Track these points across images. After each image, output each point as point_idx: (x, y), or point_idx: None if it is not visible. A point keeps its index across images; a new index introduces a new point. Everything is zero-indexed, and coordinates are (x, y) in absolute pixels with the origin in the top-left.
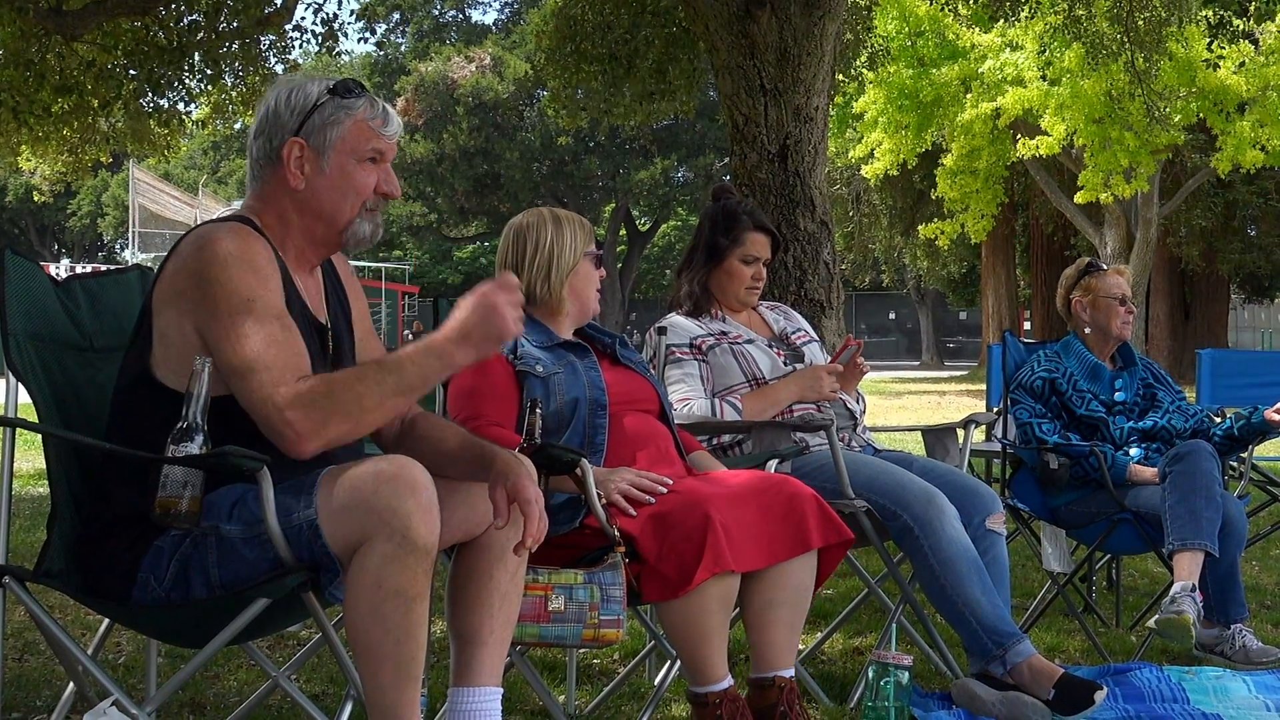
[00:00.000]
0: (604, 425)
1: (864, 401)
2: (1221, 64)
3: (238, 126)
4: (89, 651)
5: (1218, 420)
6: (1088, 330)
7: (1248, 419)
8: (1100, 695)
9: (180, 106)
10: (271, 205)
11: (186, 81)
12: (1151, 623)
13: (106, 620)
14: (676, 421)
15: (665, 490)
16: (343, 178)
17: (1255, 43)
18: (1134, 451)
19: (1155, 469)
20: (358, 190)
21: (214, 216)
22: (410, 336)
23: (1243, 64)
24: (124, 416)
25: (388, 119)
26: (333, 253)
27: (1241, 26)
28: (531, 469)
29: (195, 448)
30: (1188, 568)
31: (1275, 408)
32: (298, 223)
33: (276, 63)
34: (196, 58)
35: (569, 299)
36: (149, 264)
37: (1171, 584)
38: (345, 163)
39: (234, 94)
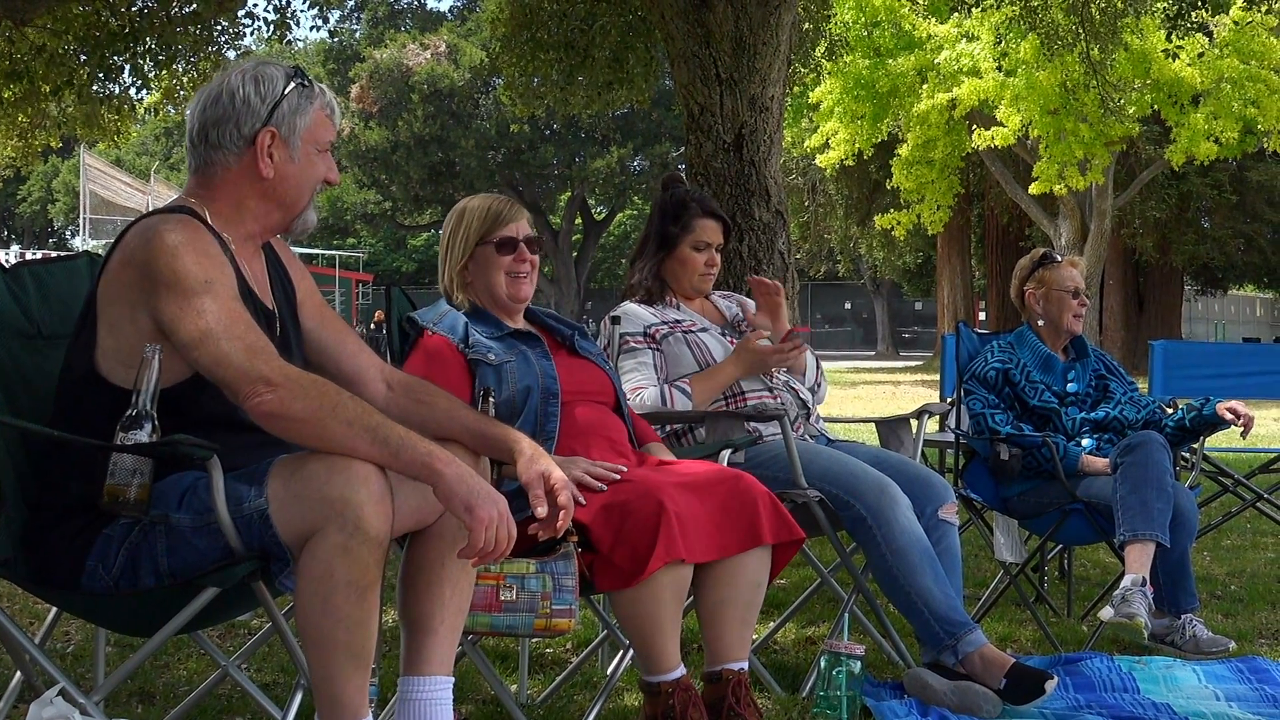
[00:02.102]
0: (555, 414)
1: (823, 385)
2: (1180, 55)
3: (190, 113)
4: (36, 640)
5: (1169, 411)
6: (1040, 322)
7: (1199, 410)
8: (1051, 685)
9: (132, 92)
10: (226, 193)
11: (139, 65)
12: (1103, 616)
13: (55, 609)
14: (631, 411)
15: (617, 478)
16: (308, 167)
17: (1209, 35)
18: (1086, 442)
19: (1107, 459)
20: (316, 179)
21: (155, 208)
22: (372, 327)
23: (1201, 55)
24: (70, 410)
25: (335, 109)
26: (273, 236)
27: (1199, 19)
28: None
29: (144, 436)
30: (1139, 559)
31: (1228, 404)
32: (255, 209)
33: (228, 49)
34: (149, 43)
35: (479, 289)
36: (100, 251)
37: (1123, 575)
38: (309, 152)
39: (185, 80)
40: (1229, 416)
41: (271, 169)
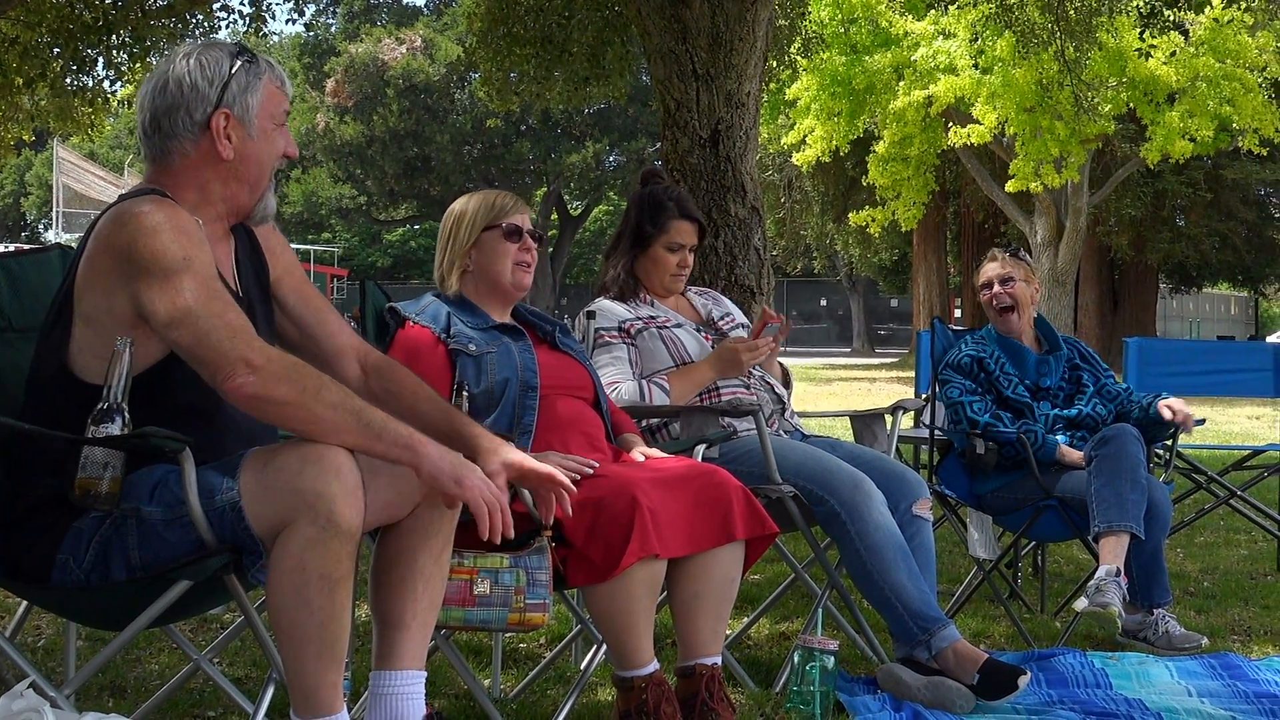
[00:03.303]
0: (533, 407)
1: (791, 381)
2: (1154, 54)
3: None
4: (7, 634)
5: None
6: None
7: (1146, 409)
8: (1024, 680)
9: (105, 85)
10: (188, 178)
11: (113, 58)
12: (1078, 606)
13: (25, 603)
14: (611, 404)
15: (590, 472)
16: (267, 142)
17: (1185, 33)
18: (1060, 439)
19: (1081, 453)
20: (277, 154)
21: (123, 193)
22: (349, 319)
23: (1174, 53)
24: (41, 405)
25: (285, 81)
26: (242, 218)
27: (1173, 17)
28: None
29: (116, 428)
30: (1113, 551)
31: (1167, 401)
32: (220, 192)
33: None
34: (122, 36)
35: (477, 276)
36: (73, 244)
37: (1097, 568)
38: (267, 127)
39: None
40: (1167, 415)
41: (231, 150)
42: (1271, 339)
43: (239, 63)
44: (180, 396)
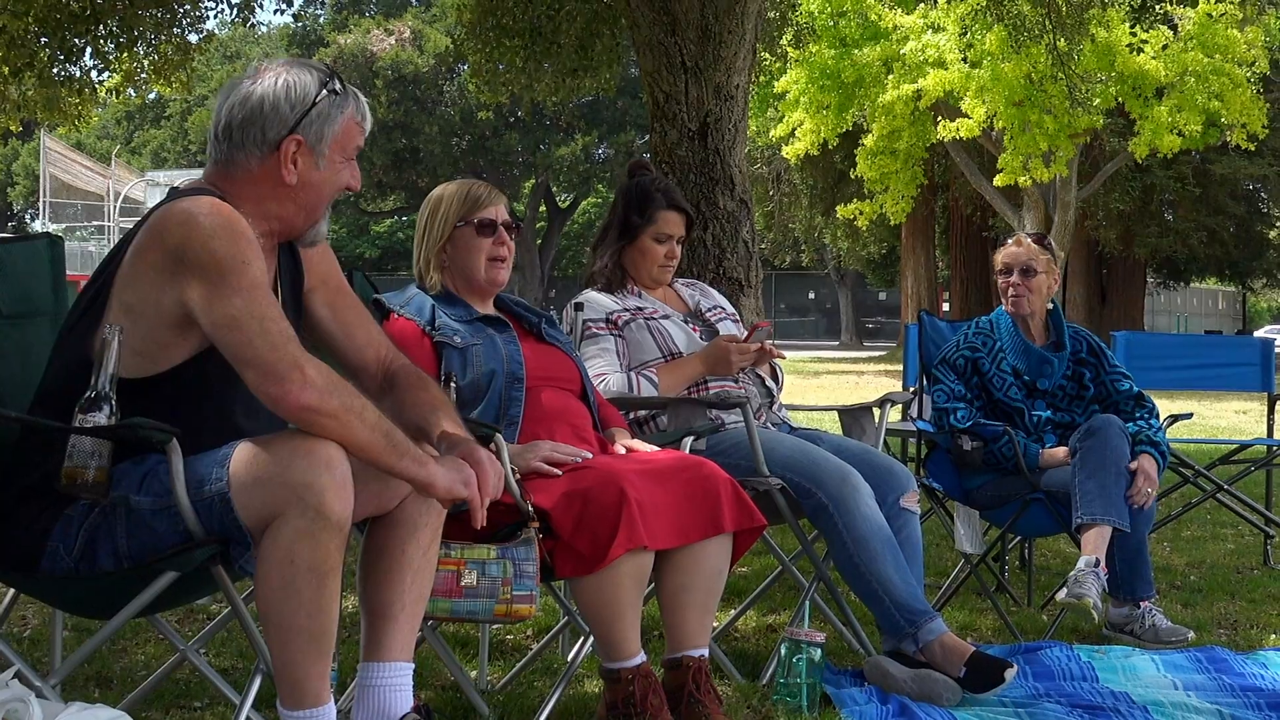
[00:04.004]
0: (519, 399)
1: (782, 379)
2: (1145, 48)
3: (151, 97)
4: None
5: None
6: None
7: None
8: (1010, 673)
9: (93, 75)
10: (247, 189)
11: (100, 48)
12: (1058, 598)
13: (11, 592)
14: (599, 397)
15: (579, 461)
16: (332, 174)
17: (1174, 28)
18: (1048, 440)
19: (1066, 448)
20: (339, 186)
21: (181, 187)
22: None
23: (1165, 47)
24: (55, 394)
25: (366, 116)
26: (293, 238)
27: (1163, 11)
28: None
29: (103, 418)
30: (1093, 543)
31: (1142, 465)
32: (276, 211)
33: (190, 31)
34: (110, 25)
35: (454, 271)
36: (60, 234)
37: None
38: (335, 160)
39: (147, 63)
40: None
41: (294, 175)
42: (1259, 334)
43: (325, 91)
44: (212, 397)
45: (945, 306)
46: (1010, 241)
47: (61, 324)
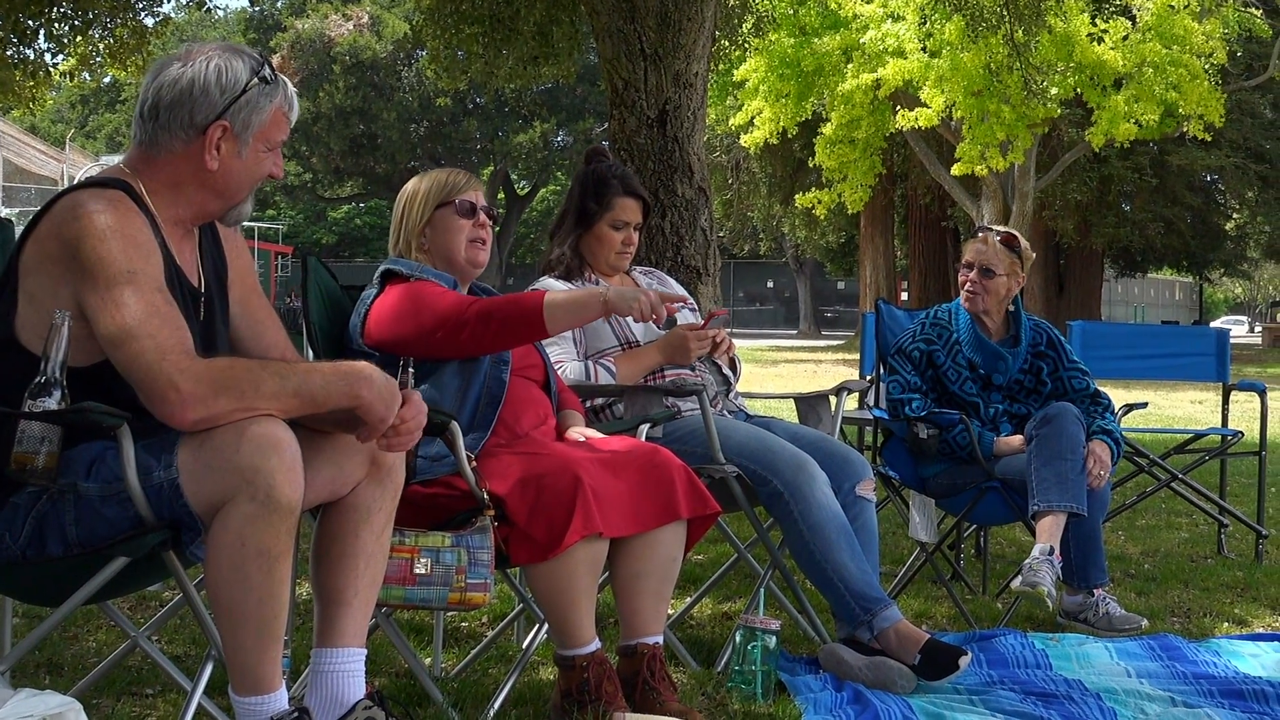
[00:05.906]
0: (504, 379)
1: (740, 368)
2: (1104, 39)
3: (106, 81)
4: None
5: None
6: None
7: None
8: (965, 660)
9: (47, 58)
10: (165, 172)
11: (54, 30)
12: (1013, 586)
13: None
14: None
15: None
16: (255, 164)
17: (1133, 19)
18: (1004, 430)
19: (1021, 437)
20: (260, 175)
21: (88, 175)
22: (289, 300)
23: (1125, 37)
24: None
25: (293, 106)
26: (205, 222)
27: (1123, 3)
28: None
29: (53, 403)
30: (1048, 530)
31: (1096, 451)
32: (192, 195)
33: (145, 15)
34: (64, 7)
35: (435, 254)
36: (14, 219)
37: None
38: (258, 149)
39: (101, 46)
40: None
41: (216, 162)
42: (1215, 324)
43: (256, 80)
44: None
45: (904, 295)
46: (979, 237)
47: None
